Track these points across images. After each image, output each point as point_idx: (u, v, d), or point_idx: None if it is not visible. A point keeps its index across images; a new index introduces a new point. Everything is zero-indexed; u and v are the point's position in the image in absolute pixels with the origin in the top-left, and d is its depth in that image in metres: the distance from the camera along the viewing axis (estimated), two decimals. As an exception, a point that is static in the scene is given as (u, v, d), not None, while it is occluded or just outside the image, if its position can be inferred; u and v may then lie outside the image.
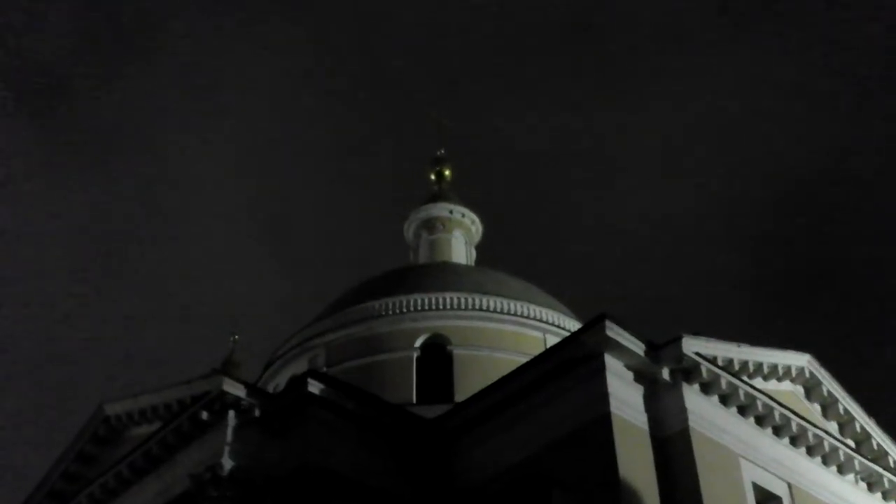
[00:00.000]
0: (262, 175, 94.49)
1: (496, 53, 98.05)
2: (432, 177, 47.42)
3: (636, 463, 19.52)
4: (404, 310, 33.37)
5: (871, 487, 24.21)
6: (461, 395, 28.49)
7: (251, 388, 21.97)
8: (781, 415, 22.09)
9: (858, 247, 76.49)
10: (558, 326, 33.69)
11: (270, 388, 33.37)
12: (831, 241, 77.78)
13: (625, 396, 20.30)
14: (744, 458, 21.05)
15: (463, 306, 33.37)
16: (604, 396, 19.94)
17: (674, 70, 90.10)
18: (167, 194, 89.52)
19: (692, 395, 20.76)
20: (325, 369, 31.56)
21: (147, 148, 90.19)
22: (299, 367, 33.02)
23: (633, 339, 20.54)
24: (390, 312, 33.43)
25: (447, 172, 47.21)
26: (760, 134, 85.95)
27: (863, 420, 24.86)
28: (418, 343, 32.75)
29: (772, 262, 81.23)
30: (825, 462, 23.09)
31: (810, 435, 22.63)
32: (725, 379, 21.21)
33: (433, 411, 24.30)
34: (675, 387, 20.73)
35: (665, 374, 20.83)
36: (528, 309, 33.98)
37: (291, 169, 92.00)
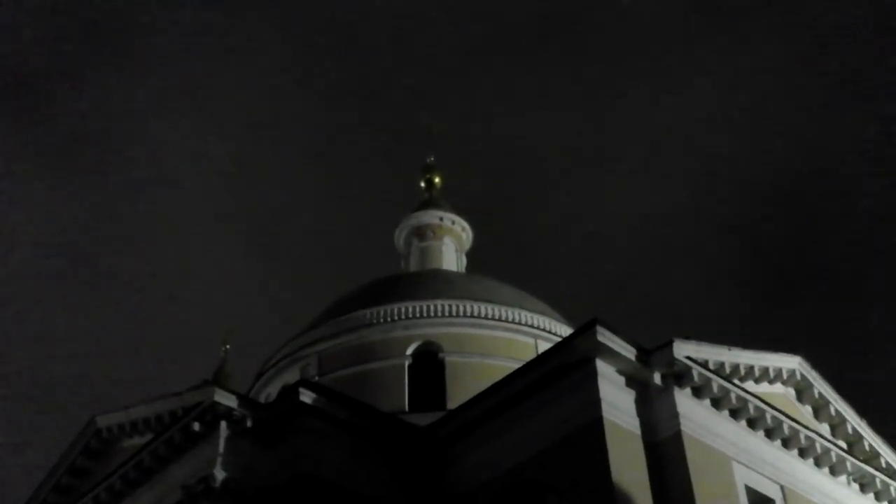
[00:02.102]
0: (251, 183, 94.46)
1: (485, 58, 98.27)
2: (423, 184, 47.52)
3: (629, 467, 19.53)
4: (396, 318, 33.38)
5: (863, 488, 24.28)
6: (454, 402, 28.50)
7: (243, 399, 21.92)
8: (773, 417, 22.16)
9: (848, 245, 76.92)
10: (550, 332, 33.74)
11: (262, 399, 33.34)
12: (820, 240, 78.14)
13: (617, 401, 20.33)
14: (736, 460, 21.09)
15: (454, 313, 33.39)
16: (596, 401, 19.97)
17: (661, 70, 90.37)
18: (153, 200, 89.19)
19: (684, 399, 20.80)
20: (317, 378, 31.55)
21: (129, 151, 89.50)
22: (291, 376, 33.00)
23: (624, 343, 20.58)
24: (382, 321, 33.43)
25: (437, 179, 47.35)
26: (747, 132, 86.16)
27: (854, 421, 24.95)
28: (410, 351, 32.75)
29: (760, 263, 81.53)
30: (817, 464, 23.15)
31: (802, 437, 22.70)
32: (717, 382, 21.27)
33: (426, 419, 24.30)
34: (666, 391, 20.78)
35: (657, 378, 20.87)
36: (520, 315, 34.02)
37: (280, 176, 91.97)
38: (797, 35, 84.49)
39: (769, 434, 22.26)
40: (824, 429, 24.65)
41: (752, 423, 21.97)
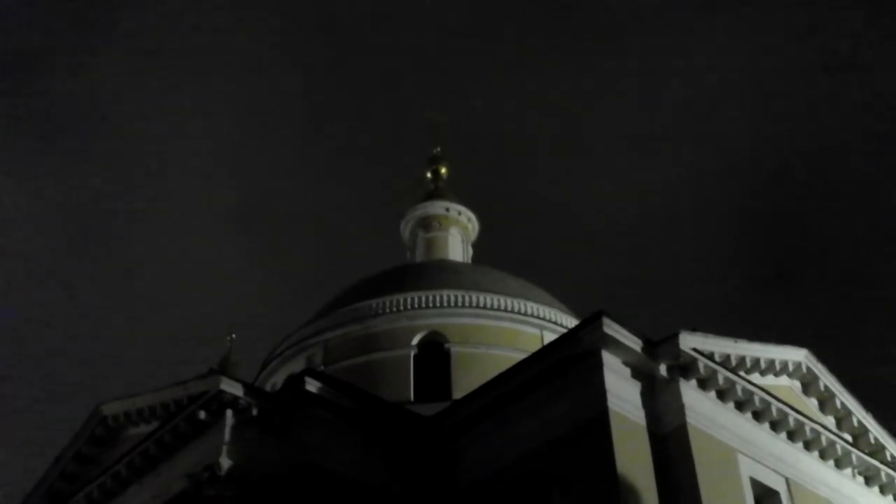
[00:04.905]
0: (256, 172, 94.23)
1: (489, 50, 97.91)
2: (429, 175, 47.55)
3: (634, 459, 19.54)
4: (401, 308, 33.40)
5: (868, 481, 24.24)
6: (459, 392, 28.52)
7: (249, 388, 21.98)
8: (779, 410, 22.14)
9: (856, 236, 76.64)
10: (555, 323, 33.73)
11: (268, 388, 33.40)
12: (827, 232, 77.84)
13: (622, 393, 20.32)
14: (742, 453, 21.09)
15: (460, 304, 33.41)
16: (602, 393, 19.96)
17: (662, 60, 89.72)
18: (158, 188, 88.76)
19: (690, 391, 20.80)
20: (322, 368, 31.57)
21: (129, 134, 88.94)
22: (297, 366, 33.05)
23: (630, 335, 20.58)
24: (387, 311, 33.46)
25: (443, 170, 47.38)
26: (748, 121, 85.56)
27: (860, 414, 24.92)
28: (415, 341, 32.76)
29: (767, 254, 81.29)
30: (823, 456, 23.14)
31: (808, 430, 22.68)
32: (723, 374, 21.26)
33: (431, 409, 24.29)
34: (672, 383, 20.77)
35: (662, 370, 20.87)
36: (525, 306, 34.02)
37: (286, 165, 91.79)
38: (797, 17, 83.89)
39: (774, 426, 22.25)
40: (830, 422, 24.62)
41: (757, 416, 21.96)
